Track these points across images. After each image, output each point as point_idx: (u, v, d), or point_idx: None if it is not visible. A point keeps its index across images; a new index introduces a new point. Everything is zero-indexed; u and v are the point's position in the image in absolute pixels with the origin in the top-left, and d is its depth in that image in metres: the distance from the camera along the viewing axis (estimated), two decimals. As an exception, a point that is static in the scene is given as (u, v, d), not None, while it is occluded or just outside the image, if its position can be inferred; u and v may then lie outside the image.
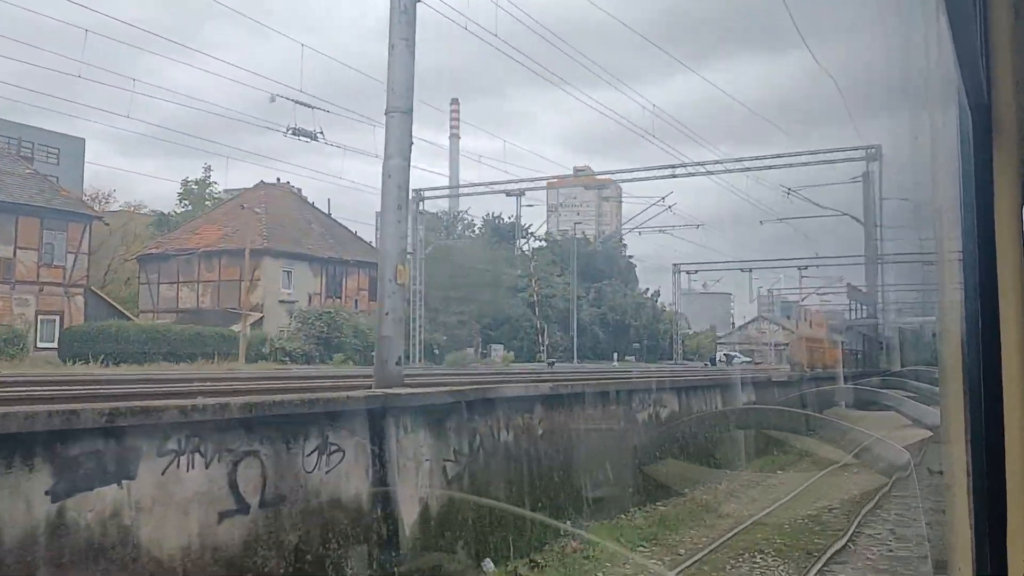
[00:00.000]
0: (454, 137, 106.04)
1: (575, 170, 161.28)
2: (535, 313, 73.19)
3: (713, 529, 10.80)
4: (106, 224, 45.46)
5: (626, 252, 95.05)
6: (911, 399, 21.91)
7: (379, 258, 11.00)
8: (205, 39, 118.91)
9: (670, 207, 46.35)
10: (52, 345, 37.91)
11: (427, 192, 49.27)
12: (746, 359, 79.58)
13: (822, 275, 65.42)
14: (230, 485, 6.24)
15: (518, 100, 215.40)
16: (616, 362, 73.47)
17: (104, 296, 43.18)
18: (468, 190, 47.88)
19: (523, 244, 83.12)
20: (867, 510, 12.10)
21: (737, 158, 41.10)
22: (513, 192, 46.32)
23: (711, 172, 42.08)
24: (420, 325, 49.36)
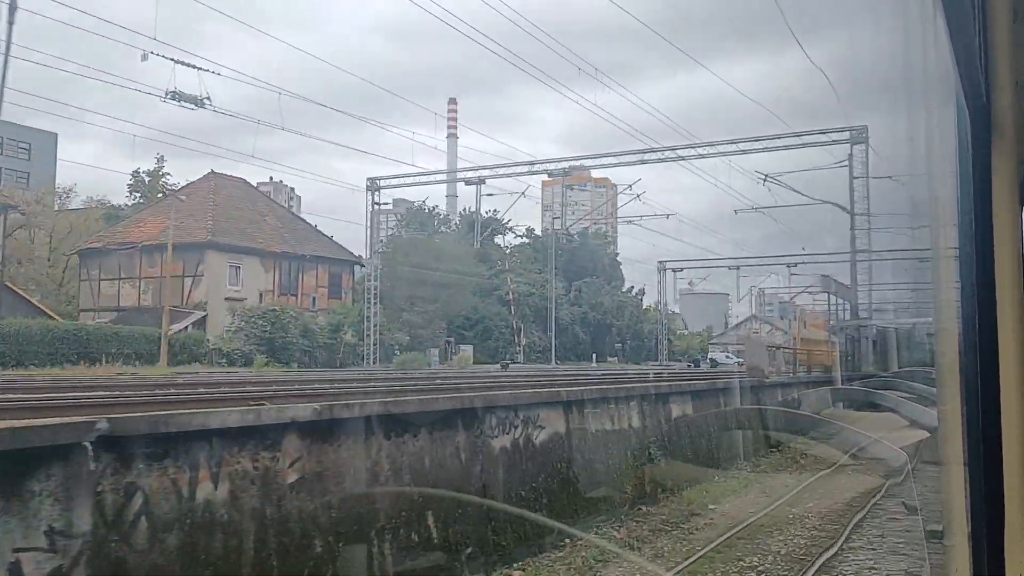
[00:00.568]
0: (452, 136, 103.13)
1: (570, 168, 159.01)
2: (511, 312, 69.79)
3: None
4: (22, 214, 42.02)
5: (612, 249, 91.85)
6: (905, 400, 19.24)
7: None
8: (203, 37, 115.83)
9: (638, 196, 43.02)
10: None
11: (382, 181, 45.93)
12: (738, 360, 76.08)
13: (814, 272, 62.34)
14: None
15: (517, 99, 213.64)
16: (595, 363, 70.17)
17: (20, 291, 39.79)
18: (426, 179, 44.46)
19: (501, 240, 79.66)
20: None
21: (710, 142, 37.80)
22: (472, 181, 42.96)
23: (684, 158, 38.73)
24: (376, 324, 46.02)
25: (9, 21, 17.63)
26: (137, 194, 57.84)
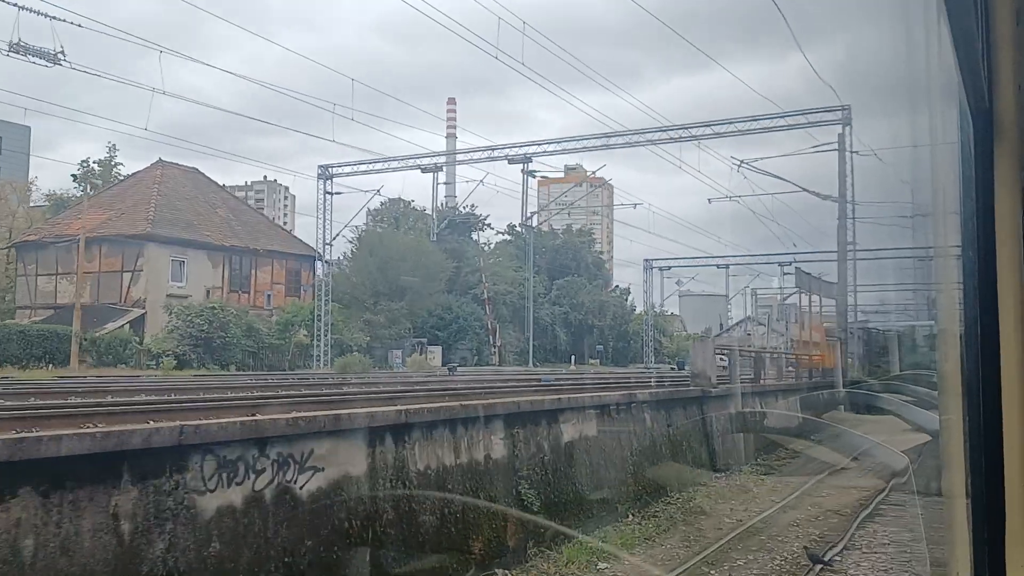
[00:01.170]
0: (451, 136, 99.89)
1: (566, 168, 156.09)
2: (487, 311, 66.40)
3: None
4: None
5: (596, 247, 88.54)
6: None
7: None
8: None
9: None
10: None
11: (335, 168, 42.60)
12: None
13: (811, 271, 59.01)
14: None
15: (518, 100, 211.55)
16: (574, 365, 66.78)
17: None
18: (382, 165, 41.14)
19: (479, 236, 76.28)
20: None
21: (683, 125, 34.43)
22: (428, 168, 39.65)
23: (653, 142, 35.38)
24: (327, 324, 42.72)
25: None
26: (86, 185, 54.50)
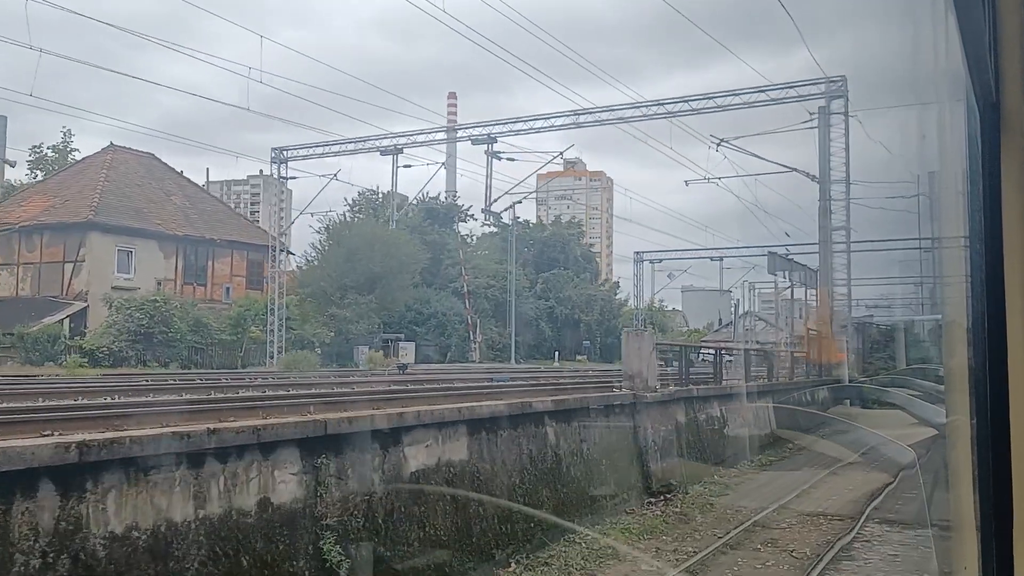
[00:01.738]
0: (451, 132, 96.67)
1: (565, 162, 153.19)
2: (467, 305, 63.53)
3: None
4: None
5: (586, 240, 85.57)
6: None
7: None
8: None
9: (573, 164, 36.80)
10: None
11: (290, 152, 39.71)
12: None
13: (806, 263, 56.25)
14: None
15: (518, 96, 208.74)
16: (557, 362, 63.90)
17: None
18: (337, 148, 38.23)
19: (463, 227, 73.37)
20: None
21: (658, 100, 31.49)
22: (387, 150, 36.72)
23: (625, 120, 32.44)
24: (282, 318, 39.88)
25: None
26: (39, 171, 51.71)
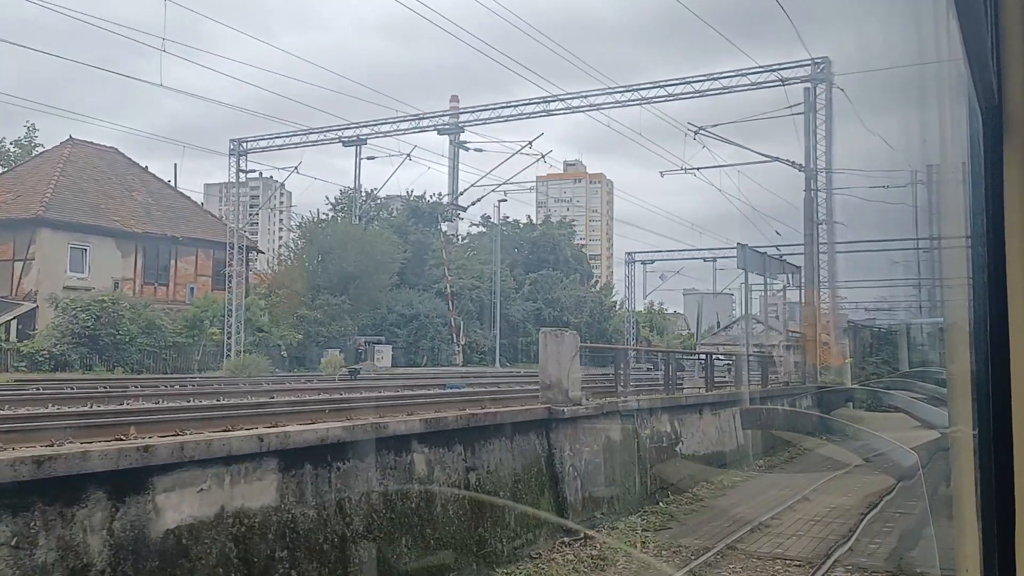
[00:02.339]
0: (453, 135, 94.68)
1: (565, 164, 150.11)
2: (450, 307, 61.35)
3: None
4: None
5: (578, 240, 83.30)
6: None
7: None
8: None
9: (543, 156, 34.83)
10: None
11: (250, 143, 37.60)
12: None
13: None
14: None
15: (519, 96, 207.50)
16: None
17: None
18: (298, 139, 36.12)
19: (449, 226, 71.15)
20: None
21: (631, 86, 29.26)
22: (350, 141, 34.60)
23: (596, 107, 30.20)
24: (240, 319, 37.74)
25: None
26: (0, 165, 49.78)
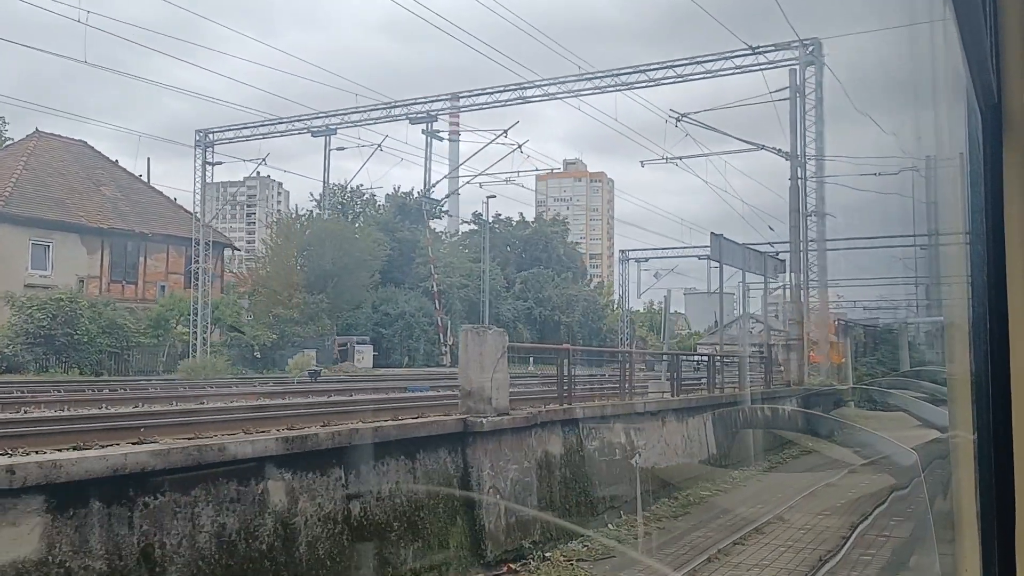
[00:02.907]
0: (454, 133, 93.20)
1: (565, 163, 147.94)
2: (437, 306, 59.67)
3: None
4: None
5: (570, 237, 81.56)
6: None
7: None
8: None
9: (520, 147, 33.12)
10: None
11: (216, 133, 35.92)
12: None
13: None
14: None
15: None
16: (532, 366, 59.94)
17: None
18: (266, 129, 34.44)
19: (438, 224, 69.43)
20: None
21: (610, 71, 27.55)
22: (319, 131, 32.92)
23: (574, 93, 28.48)
24: (205, 318, 36.08)
25: None
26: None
